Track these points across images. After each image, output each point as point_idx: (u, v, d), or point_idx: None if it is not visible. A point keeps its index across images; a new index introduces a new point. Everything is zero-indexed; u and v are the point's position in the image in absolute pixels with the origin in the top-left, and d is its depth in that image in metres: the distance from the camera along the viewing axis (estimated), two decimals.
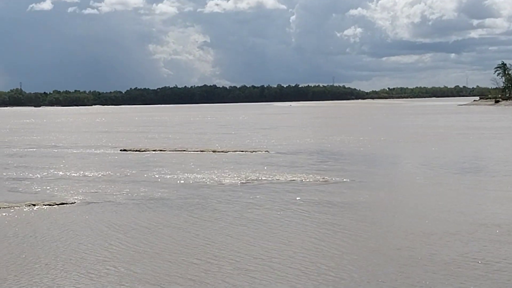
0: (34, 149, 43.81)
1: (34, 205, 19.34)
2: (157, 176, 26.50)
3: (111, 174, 27.62)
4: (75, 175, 27.52)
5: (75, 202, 19.91)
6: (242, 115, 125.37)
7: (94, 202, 19.91)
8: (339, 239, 14.04)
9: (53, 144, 49.25)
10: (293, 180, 24.21)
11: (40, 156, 38.30)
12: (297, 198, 19.72)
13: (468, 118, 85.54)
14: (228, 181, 24.36)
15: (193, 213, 17.71)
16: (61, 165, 31.82)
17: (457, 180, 23.61)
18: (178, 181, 24.64)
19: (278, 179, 24.43)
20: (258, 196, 20.36)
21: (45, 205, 19.39)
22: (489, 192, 20.76)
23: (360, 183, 22.96)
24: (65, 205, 19.48)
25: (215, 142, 47.08)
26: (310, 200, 19.33)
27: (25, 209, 18.74)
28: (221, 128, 73.04)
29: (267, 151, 37.65)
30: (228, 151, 37.64)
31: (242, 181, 24.11)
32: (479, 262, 11.84)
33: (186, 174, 26.82)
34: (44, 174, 28.10)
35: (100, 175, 27.31)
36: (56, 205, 19.37)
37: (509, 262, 11.80)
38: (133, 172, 28.21)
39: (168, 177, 26.08)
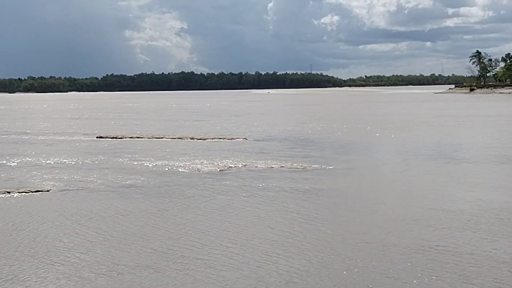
0: (8, 136, 43.22)
1: (8, 192, 19.05)
2: (134, 163, 26.28)
3: (87, 161, 27.34)
4: (51, 162, 27.19)
5: (50, 190, 19.66)
6: (219, 102, 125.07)
7: (70, 189, 19.68)
8: (308, 225, 14.04)
9: (27, 131, 48.66)
10: (271, 167, 24.16)
11: (14, 142, 37.79)
12: (275, 185, 19.67)
13: (443, 106, 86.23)
14: (206, 168, 24.24)
15: (169, 201, 17.58)
16: (36, 152, 31.42)
17: (427, 167, 23.73)
18: (155, 169, 24.46)
19: (256, 166, 24.36)
20: (235, 183, 20.28)
21: (20, 192, 19.11)
22: (456, 178, 20.91)
23: (337, 171, 22.99)
24: (40, 192, 19.22)
25: (193, 129, 46.88)
26: (287, 187, 19.29)
27: None
28: (198, 115, 72.78)
29: (245, 138, 37.57)
30: (206, 138, 37.48)
31: (220, 168, 24.01)
32: (438, 248, 11.90)
33: (163, 161, 26.64)
34: (18, 161, 27.72)
35: (76, 162, 27.02)
36: (31, 193, 19.11)
37: (466, 249, 11.88)
38: (110, 159, 27.96)
39: (145, 164, 25.88)
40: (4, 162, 27.39)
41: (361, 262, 11.23)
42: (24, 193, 19.01)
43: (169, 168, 24.56)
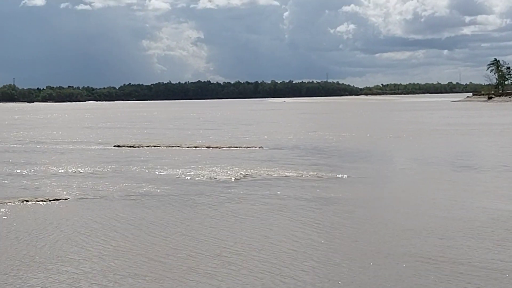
0: (25, 145, 43.67)
1: (27, 201, 19.26)
2: (151, 172, 26.45)
3: (105, 170, 27.56)
4: (68, 171, 27.44)
5: (68, 198, 19.85)
6: (236, 111, 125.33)
7: (88, 198, 19.86)
8: (321, 235, 14.07)
9: (46, 140, 49.11)
10: (287, 176, 24.21)
11: (31, 151, 38.18)
12: (291, 194, 19.71)
13: (461, 114, 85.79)
14: (222, 177, 24.34)
15: (185, 210, 17.69)
16: (53, 161, 31.72)
17: (447, 176, 23.66)
18: (172, 177, 24.61)
19: (272, 175, 24.43)
20: (251, 192, 20.35)
21: (38, 201, 19.31)
22: (477, 188, 20.83)
23: (353, 180, 22.99)
24: (58, 201, 19.41)
25: (209, 138, 47.04)
26: (303, 197, 19.33)
27: (18, 205, 18.66)
28: (215, 124, 73.01)
29: (261, 147, 37.66)
30: (222, 147, 37.62)
31: (236, 177, 24.10)
32: (448, 258, 11.87)
33: (180, 170, 26.78)
34: (36, 170, 28.01)
35: (94, 171, 27.25)
36: (50, 201, 19.30)
37: (473, 258, 11.84)
38: (127, 168, 28.16)
39: (162, 173, 26.04)
40: (22, 170, 27.68)
41: (370, 272, 11.25)
42: (42, 202, 19.21)
43: (186, 177, 24.69)
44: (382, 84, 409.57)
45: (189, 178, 24.36)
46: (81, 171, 27.32)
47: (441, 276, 10.79)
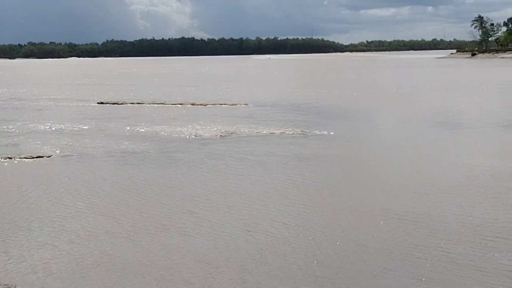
0: (7, 101, 43.22)
1: (10, 158, 19.14)
2: (135, 129, 26.34)
3: (88, 127, 27.40)
4: (51, 128, 27.25)
5: (52, 156, 19.76)
6: (220, 67, 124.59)
7: (71, 155, 19.77)
8: (303, 191, 14.16)
9: (27, 96, 48.61)
10: (272, 133, 24.22)
11: (14, 109, 37.81)
12: (275, 151, 19.76)
13: (444, 71, 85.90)
14: (206, 134, 24.31)
15: (167, 167, 17.69)
16: (36, 118, 31.46)
17: (427, 134, 23.79)
18: (155, 135, 24.53)
19: (257, 132, 24.43)
20: (236, 149, 20.36)
21: (22, 158, 19.20)
22: (456, 145, 21.00)
23: (334, 137, 23.06)
24: (41, 158, 19.31)
25: (194, 95, 46.81)
26: (287, 153, 19.38)
27: (0, 163, 18.55)
28: (199, 81, 72.58)
29: (246, 104, 37.56)
30: (207, 104, 37.48)
31: (221, 134, 24.07)
32: (429, 215, 12.03)
33: (163, 127, 26.69)
34: (18, 127, 27.78)
35: (77, 128, 27.08)
36: (33, 159, 19.20)
37: (456, 217, 12.01)
38: (111, 125, 28.01)
39: (145, 130, 25.94)
40: (4, 128, 27.44)
41: (347, 228, 11.38)
42: (25, 159, 19.10)
43: (170, 134, 24.63)
44: (367, 41, 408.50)
45: (172, 135, 24.30)
46: (64, 128, 27.14)
47: (417, 232, 10.92)
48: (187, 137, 23.73)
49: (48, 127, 27.67)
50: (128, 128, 26.79)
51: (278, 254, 9.90)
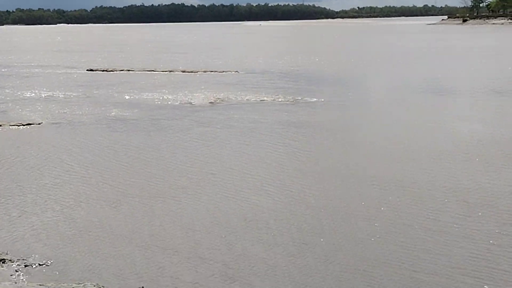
0: None
1: (0, 125, 19.12)
2: (124, 96, 26.28)
3: (78, 94, 27.30)
4: (41, 95, 27.14)
5: (42, 123, 19.73)
6: (211, 34, 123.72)
7: (61, 123, 19.76)
8: (289, 157, 14.26)
9: (15, 63, 48.25)
10: (263, 100, 24.24)
11: (2, 76, 37.55)
12: (265, 118, 19.80)
13: (436, 37, 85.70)
14: (196, 101, 24.29)
15: (156, 135, 17.72)
16: (26, 85, 31.30)
17: (418, 100, 23.88)
18: (146, 102, 24.49)
19: (248, 99, 24.43)
20: (225, 116, 20.40)
21: (12, 125, 19.16)
22: (445, 112, 21.11)
23: (328, 104, 23.12)
24: (31, 125, 19.29)
25: (184, 62, 46.59)
26: (277, 120, 19.44)
27: None
28: (189, 48, 72.15)
29: (236, 71, 37.46)
30: (198, 71, 37.36)
31: (211, 101, 24.06)
32: (416, 181, 12.17)
33: (153, 94, 26.64)
34: (7, 94, 27.65)
35: (67, 95, 26.99)
36: (23, 126, 19.17)
37: (444, 183, 12.15)
38: (100, 92, 27.92)
39: (135, 97, 25.88)
40: None
41: (336, 193, 11.50)
42: (15, 126, 19.07)
43: (160, 101, 24.60)
44: (358, 7, 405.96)
45: (162, 102, 24.27)
46: (53, 95, 27.03)
47: (403, 198, 11.06)
48: (177, 104, 23.71)
49: (37, 94, 27.56)
50: (117, 95, 26.72)
51: (264, 220, 10.02)
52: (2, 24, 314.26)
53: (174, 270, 8.22)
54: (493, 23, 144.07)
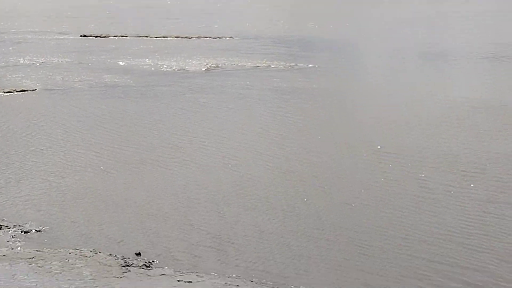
0: None
1: None
2: (119, 62, 26.13)
3: (72, 60, 27.14)
4: (35, 62, 26.96)
5: (36, 89, 19.67)
6: None
7: (55, 89, 19.70)
8: (285, 124, 14.30)
9: (7, 30, 47.75)
10: (258, 66, 24.16)
11: None
12: (260, 84, 19.78)
13: (429, 1, 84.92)
14: (191, 67, 24.19)
15: (148, 101, 17.68)
16: (18, 52, 31.04)
17: (412, 66, 23.84)
18: (141, 68, 24.39)
19: (243, 65, 24.33)
20: (220, 83, 20.35)
21: (6, 92, 19.10)
22: (440, 77, 21.11)
23: (320, 70, 23.06)
24: (25, 92, 19.22)
25: (178, 27, 46.20)
26: (271, 87, 19.43)
27: None
28: (183, 12, 71.43)
29: (231, 37, 37.19)
30: (192, 37, 37.07)
31: (205, 68, 23.97)
32: (411, 148, 12.25)
33: (147, 60, 26.49)
34: (1, 60, 27.46)
35: (60, 61, 26.83)
36: (17, 92, 19.11)
37: (438, 148, 12.23)
38: (94, 58, 27.76)
39: (129, 63, 25.75)
40: None
41: (330, 160, 11.58)
42: (9, 93, 19.00)
43: (155, 67, 24.50)
44: None
45: (156, 68, 24.17)
46: (46, 61, 26.86)
47: (395, 164, 11.14)
48: (170, 70, 23.64)
49: (30, 60, 27.37)
50: (111, 61, 26.58)
51: (256, 187, 10.11)
52: None
53: (168, 236, 8.34)
54: None
